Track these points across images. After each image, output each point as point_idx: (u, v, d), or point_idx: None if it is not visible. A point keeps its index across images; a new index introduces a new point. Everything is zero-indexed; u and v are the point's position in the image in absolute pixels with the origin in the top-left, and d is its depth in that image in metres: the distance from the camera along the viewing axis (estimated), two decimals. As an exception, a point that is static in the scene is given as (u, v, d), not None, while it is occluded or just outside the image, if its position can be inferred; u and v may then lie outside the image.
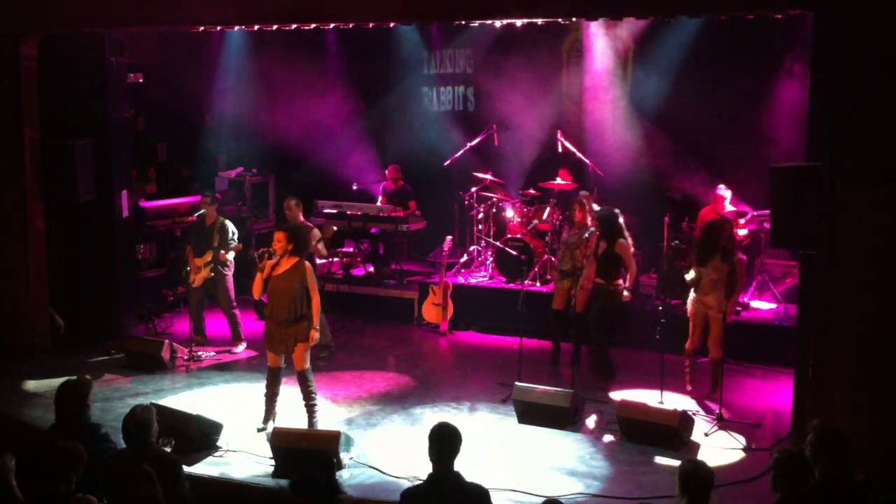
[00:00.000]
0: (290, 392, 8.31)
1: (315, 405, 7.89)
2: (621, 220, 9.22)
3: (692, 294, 8.60)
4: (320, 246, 9.91)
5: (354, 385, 9.15)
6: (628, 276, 9.22)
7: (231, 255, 10.11)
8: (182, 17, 9.44)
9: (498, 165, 12.02)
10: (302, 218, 9.94)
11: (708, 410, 8.34)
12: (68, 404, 6.15)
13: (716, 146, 11.19)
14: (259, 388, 8.69)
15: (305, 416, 7.89)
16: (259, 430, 7.83)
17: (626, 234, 9.24)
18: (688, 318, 8.66)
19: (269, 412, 7.94)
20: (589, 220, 9.49)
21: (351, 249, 12.41)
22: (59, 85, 10.24)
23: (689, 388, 8.74)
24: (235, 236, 10.18)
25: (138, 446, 5.73)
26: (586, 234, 9.37)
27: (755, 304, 10.49)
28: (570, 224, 9.72)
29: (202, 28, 9.82)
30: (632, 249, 9.28)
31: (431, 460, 4.98)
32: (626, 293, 9.17)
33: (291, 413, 8.12)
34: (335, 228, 10.61)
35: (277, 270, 7.68)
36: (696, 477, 4.80)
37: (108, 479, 5.47)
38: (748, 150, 10.92)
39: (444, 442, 4.99)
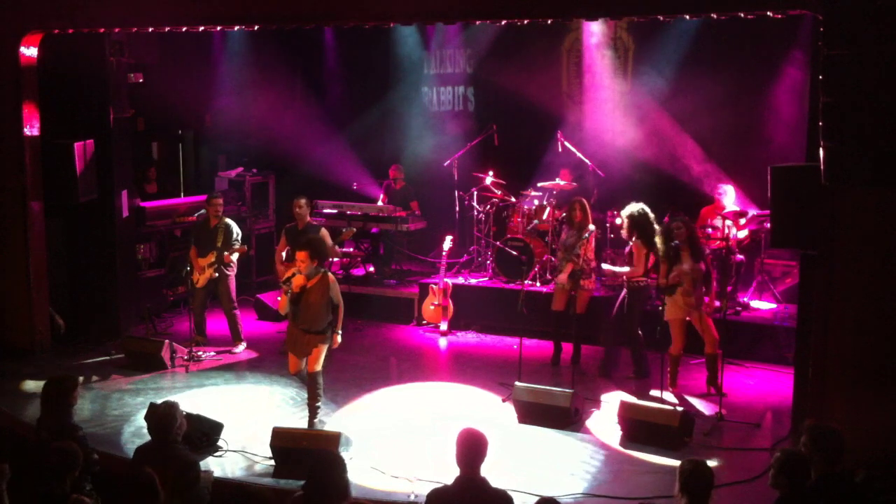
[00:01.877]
0: (290, 392, 8.32)
1: (319, 407, 7.92)
2: None
3: (672, 298, 8.54)
4: (334, 247, 9.95)
5: (354, 385, 9.14)
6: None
7: (235, 257, 10.11)
8: (182, 18, 9.44)
9: (498, 165, 12.01)
10: (309, 218, 9.94)
11: (707, 410, 8.33)
12: (52, 401, 6.17)
13: (716, 146, 11.20)
14: (258, 388, 8.80)
15: (307, 415, 7.91)
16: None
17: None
18: (668, 322, 8.61)
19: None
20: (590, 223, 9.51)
21: (351, 249, 12.41)
22: (59, 85, 10.24)
23: (673, 388, 8.74)
24: (239, 237, 10.18)
25: (158, 442, 5.81)
26: (585, 234, 9.36)
27: (755, 304, 10.49)
28: (569, 225, 9.70)
29: (202, 28, 9.82)
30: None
31: (458, 465, 4.97)
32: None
33: (291, 413, 8.12)
34: (354, 230, 10.64)
35: (308, 284, 7.74)
36: (696, 477, 4.80)
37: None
38: (748, 150, 10.92)
39: (472, 447, 4.97)
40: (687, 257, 8.52)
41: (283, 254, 9.72)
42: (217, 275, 10.11)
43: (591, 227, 9.45)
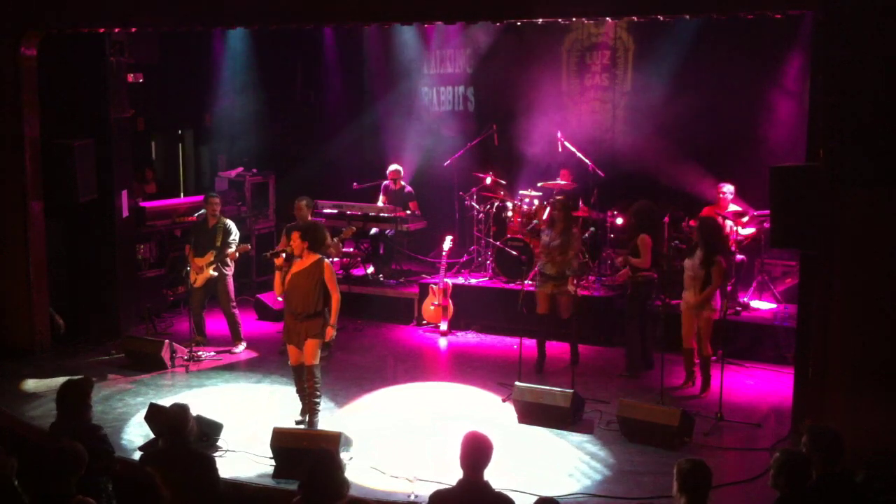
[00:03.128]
0: (290, 391, 8.31)
1: (318, 403, 7.93)
2: None
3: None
4: (333, 248, 9.94)
5: (355, 385, 9.14)
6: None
7: (237, 254, 10.12)
8: (182, 17, 9.44)
9: (498, 165, 12.00)
10: (310, 218, 9.94)
11: (708, 410, 8.33)
12: (70, 404, 6.17)
13: (715, 145, 11.19)
14: (258, 388, 8.79)
15: (307, 413, 7.92)
16: (297, 423, 7.95)
17: None
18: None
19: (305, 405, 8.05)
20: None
21: (351, 249, 12.40)
22: (59, 85, 10.24)
23: (691, 382, 8.81)
24: (237, 237, 10.18)
25: (171, 444, 5.83)
26: (586, 235, 9.35)
27: (755, 304, 10.48)
28: (550, 226, 9.58)
29: (202, 28, 9.82)
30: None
31: (462, 467, 4.96)
32: None
33: (292, 413, 8.12)
34: (354, 229, 10.64)
35: (298, 267, 7.78)
36: (695, 476, 4.79)
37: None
38: (748, 150, 10.92)
39: (476, 450, 4.94)
40: (690, 257, 8.61)
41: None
42: (216, 274, 10.11)
43: (589, 232, 9.46)
